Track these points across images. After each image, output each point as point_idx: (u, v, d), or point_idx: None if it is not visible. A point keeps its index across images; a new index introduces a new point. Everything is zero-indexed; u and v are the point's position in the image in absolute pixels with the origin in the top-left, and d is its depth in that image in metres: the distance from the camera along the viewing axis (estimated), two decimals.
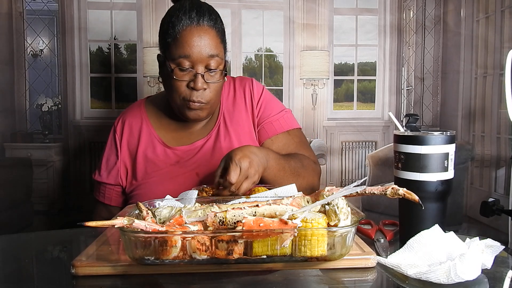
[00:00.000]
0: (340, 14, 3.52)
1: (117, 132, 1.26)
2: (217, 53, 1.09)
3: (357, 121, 3.54)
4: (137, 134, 1.24)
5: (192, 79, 1.08)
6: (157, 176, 1.16)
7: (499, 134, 2.84)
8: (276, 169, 1.06)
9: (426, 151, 0.72)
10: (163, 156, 1.20)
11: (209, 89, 1.10)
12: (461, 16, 3.27)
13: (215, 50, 1.09)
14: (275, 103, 1.29)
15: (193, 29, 1.07)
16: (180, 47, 1.07)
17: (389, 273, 0.65)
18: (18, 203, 2.99)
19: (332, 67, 3.49)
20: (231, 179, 0.92)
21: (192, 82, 1.07)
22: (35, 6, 3.33)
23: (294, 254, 0.63)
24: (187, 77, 1.08)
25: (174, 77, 1.08)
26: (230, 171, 0.93)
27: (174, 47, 1.08)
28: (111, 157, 1.25)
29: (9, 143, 3.24)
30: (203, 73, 1.07)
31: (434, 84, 3.50)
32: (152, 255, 0.62)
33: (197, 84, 1.07)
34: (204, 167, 1.16)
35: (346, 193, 0.65)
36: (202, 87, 1.08)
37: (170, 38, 1.08)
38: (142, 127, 1.24)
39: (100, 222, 0.61)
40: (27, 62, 3.27)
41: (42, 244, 0.88)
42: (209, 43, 1.08)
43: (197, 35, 1.07)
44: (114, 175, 1.24)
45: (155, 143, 1.22)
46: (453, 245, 0.67)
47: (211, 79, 1.09)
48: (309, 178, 1.15)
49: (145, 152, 1.21)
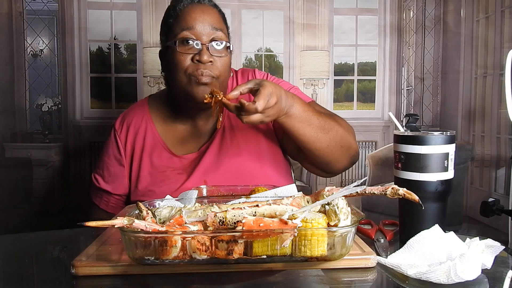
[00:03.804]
0: (340, 14, 3.53)
1: (120, 136, 1.17)
2: (220, 28, 1.05)
3: (357, 121, 3.54)
4: (142, 138, 1.15)
5: (196, 53, 1.02)
6: (164, 186, 1.09)
7: (499, 134, 2.85)
8: (303, 119, 0.97)
9: (426, 151, 0.72)
10: (169, 164, 1.13)
11: (215, 63, 1.03)
12: (461, 16, 3.27)
13: (218, 25, 1.05)
14: (281, 82, 1.19)
15: (194, 6, 1.05)
16: (183, 21, 1.03)
17: (389, 273, 0.65)
18: (18, 203, 2.99)
19: (332, 67, 3.50)
20: (259, 106, 0.85)
21: (197, 55, 1.01)
22: (35, 6, 3.33)
23: (294, 254, 0.63)
24: (191, 50, 1.02)
25: (178, 49, 1.02)
26: (260, 98, 0.85)
27: (176, 24, 1.04)
28: (114, 164, 1.16)
29: (9, 143, 3.24)
30: (208, 45, 1.02)
31: (434, 84, 3.50)
32: (152, 255, 0.62)
33: (202, 56, 1.00)
34: (212, 173, 1.09)
35: (346, 193, 0.65)
36: (208, 59, 1.01)
37: (171, 18, 1.06)
38: (146, 131, 1.16)
39: (100, 222, 0.61)
40: (27, 62, 3.28)
41: (42, 244, 0.88)
42: (212, 18, 1.04)
43: (199, 10, 1.04)
44: (120, 185, 1.15)
45: (160, 149, 1.14)
46: (453, 245, 0.67)
47: (217, 53, 1.03)
48: (344, 134, 1.04)
49: (150, 159, 1.13)
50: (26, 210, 3.08)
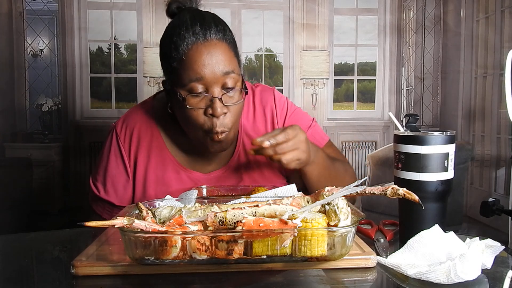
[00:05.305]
0: (340, 14, 3.53)
1: (124, 143, 1.07)
2: (232, 69, 0.92)
3: (357, 121, 3.55)
4: (147, 147, 1.06)
5: (208, 105, 0.91)
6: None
7: (499, 134, 2.85)
8: (322, 166, 1.00)
9: (426, 151, 0.72)
10: (176, 179, 1.06)
11: (229, 112, 0.93)
12: (461, 16, 3.27)
13: (229, 66, 0.92)
14: (302, 119, 1.13)
15: (200, 46, 0.91)
16: (189, 69, 0.90)
17: (389, 273, 0.65)
18: (18, 203, 2.99)
19: (332, 67, 3.50)
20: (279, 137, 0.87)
21: (210, 108, 0.91)
22: (35, 6, 3.33)
23: (294, 254, 0.63)
24: (202, 103, 0.92)
25: (188, 106, 0.91)
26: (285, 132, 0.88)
27: (182, 71, 0.91)
28: (118, 174, 1.07)
29: (9, 143, 3.24)
30: (221, 96, 0.91)
31: (434, 84, 3.50)
32: (152, 255, 0.62)
33: (216, 110, 0.90)
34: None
35: (346, 193, 0.65)
36: (222, 112, 0.91)
37: (174, 61, 0.92)
38: (152, 140, 1.06)
39: (100, 222, 0.61)
40: (27, 62, 3.28)
41: (42, 244, 0.88)
42: (222, 59, 0.91)
43: (206, 53, 0.90)
44: (126, 198, 1.07)
45: (166, 161, 1.06)
46: (453, 245, 0.67)
47: (230, 100, 0.93)
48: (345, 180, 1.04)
49: (156, 172, 1.05)
50: (26, 210, 3.08)
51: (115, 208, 1.07)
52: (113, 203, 1.07)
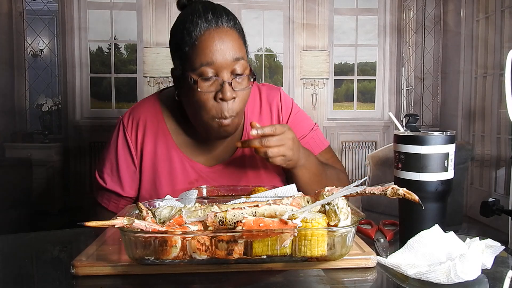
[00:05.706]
0: (340, 14, 3.53)
1: (130, 134, 1.09)
2: (241, 56, 0.96)
3: (357, 121, 3.55)
4: (153, 138, 1.08)
5: (218, 89, 0.94)
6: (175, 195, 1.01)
7: (499, 134, 2.85)
8: (312, 172, 1.02)
9: (426, 151, 0.72)
10: (181, 170, 1.07)
11: (238, 98, 0.96)
12: (461, 16, 3.27)
13: (239, 53, 0.95)
14: (304, 121, 1.16)
15: (212, 32, 0.94)
16: (201, 54, 0.93)
17: (389, 273, 0.65)
18: (18, 203, 2.99)
19: (332, 67, 3.50)
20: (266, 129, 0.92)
21: (220, 93, 0.94)
22: (35, 6, 3.33)
23: (294, 254, 0.63)
24: (212, 87, 0.94)
25: (199, 89, 0.94)
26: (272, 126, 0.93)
27: (194, 55, 0.94)
28: (125, 164, 1.08)
29: (9, 143, 3.24)
30: (230, 81, 0.94)
31: (434, 84, 3.50)
32: (152, 255, 0.62)
33: (225, 94, 0.93)
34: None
35: (346, 193, 0.65)
36: (231, 96, 0.94)
37: (187, 46, 0.95)
38: (158, 131, 1.08)
39: (100, 222, 0.61)
40: (27, 62, 3.28)
41: (42, 244, 0.88)
42: (232, 46, 0.95)
43: (218, 38, 0.94)
44: (131, 188, 1.09)
45: (172, 153, 1.08)
46: (453, 245, 0.67)
47: (239, 86, 0.96)
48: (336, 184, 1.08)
49: (162, 160, 1.08)
50: (26, 210, 3.08)
51: (121, 199, 1.10)
52: (119, 193, 1.09)
